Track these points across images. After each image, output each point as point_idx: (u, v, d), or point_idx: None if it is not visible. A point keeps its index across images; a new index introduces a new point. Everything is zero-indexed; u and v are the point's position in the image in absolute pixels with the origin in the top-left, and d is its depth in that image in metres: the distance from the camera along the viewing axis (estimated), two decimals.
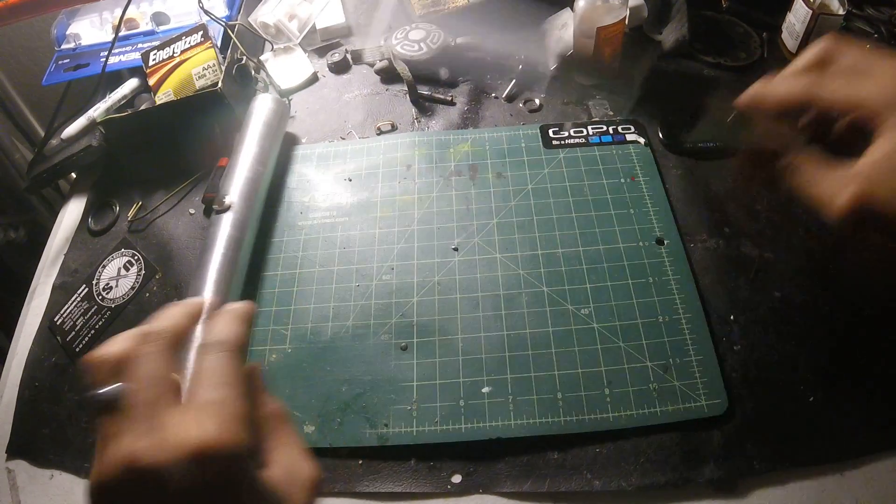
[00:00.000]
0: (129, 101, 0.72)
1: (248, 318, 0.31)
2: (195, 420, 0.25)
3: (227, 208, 0.55)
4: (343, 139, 0.69)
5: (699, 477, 0.45)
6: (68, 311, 0.60)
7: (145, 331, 0.28)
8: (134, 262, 0.62)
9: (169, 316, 0.30)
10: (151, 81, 0.70)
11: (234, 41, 0.73)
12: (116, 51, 0.75)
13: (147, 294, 0.59)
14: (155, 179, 0.68)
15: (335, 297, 0.56)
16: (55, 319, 0.59)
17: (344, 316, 0.54)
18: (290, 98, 0.74)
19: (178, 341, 0.29)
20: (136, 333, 0.28)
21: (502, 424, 0.47)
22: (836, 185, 0.32)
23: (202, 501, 0.24)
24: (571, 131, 0.66)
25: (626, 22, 0.67)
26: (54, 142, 0.71)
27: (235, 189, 0.57)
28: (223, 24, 0.74)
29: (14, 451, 0.52)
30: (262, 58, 0.78)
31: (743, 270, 0.55)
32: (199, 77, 0.68)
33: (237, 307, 0.32)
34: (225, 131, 0.66)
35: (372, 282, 0.56)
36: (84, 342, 0.57)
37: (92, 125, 0.69)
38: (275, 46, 0.79)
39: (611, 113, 0.68)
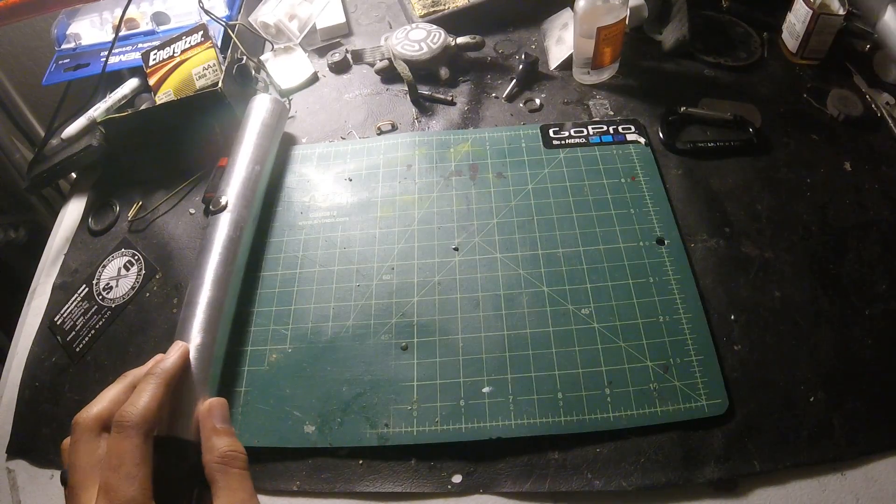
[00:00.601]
0: (130, 100, 0.72)
1: (168, 381, 0.36)
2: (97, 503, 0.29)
3: (223, 208, 0.55)
4: (343, 139, 0.69)
5: (700, 477, 0.45)
6: (68, 310, 0.60)
7: (76, 419, 0.33)
8: (134, 261, 0.62)
9: (97, 401, 0.34)
10: (152, 81, 0.70)
11: (234, 41, 0.73)
12: (116, 51, 0.75)
13: (147, 294, 0.59)
14: (155, 179, 0.68)
15: (335, 296, 0.56)
16: (55, 319, 0.59)
17: (344, 316, 0.54)
18: (290, 98, 0.74)
19: (102, 423, 0.33)
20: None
21: (503, 424, 0.47)
22: None
23: None
24: (572, 131, 0.66)
25: (627, 22, 0.67)
26: (54, 142, 0.71)
27: (232, 189, 0.57)
28: (223, 23, 0.74)
29: (14, 451, 0.52)
30: (262, 58, 0.78)
31: (743, 270, 0.55)
32: (200, 77, 0.68)
33: (161, 370, 0.36)
34: (225, 131, 0.66)
35: (372, 282, 0.56)
36: (84, 342, 0.57)
37: (92, 125, 0.69)
38: (275, 46, 0.79)
39: (611, 113, 0.68)
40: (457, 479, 0.46)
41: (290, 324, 0.54)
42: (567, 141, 0.65)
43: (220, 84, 0.65)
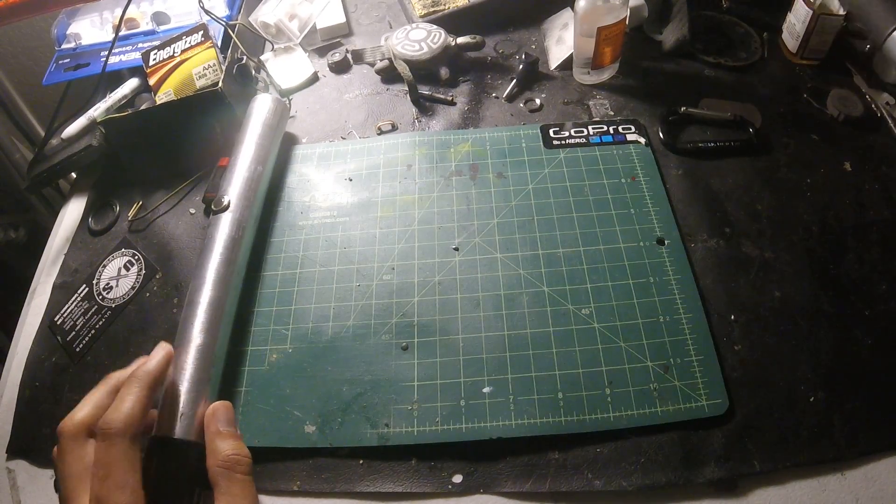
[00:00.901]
0: (130, 100, 0.72)
1: (151, 384, 0.35)
2: None
3: (226, 208, 0.55)
4: (344, 139, 0.69)
5: (700, 477, 0.45)
6: (69, 310, 0.60)
7: (60, 428, 0.33)
8: (134, 261, 0.62)
9: (81, 407, 0.34)
10: (152, 81, 0.70)
11: (234, 41, 0.73)
12: (117, 50, 0.75)
13: (147, 294, 0.59)
14: (155, 179, 0.68)
15: (336, 296, 0.56)
16: (55, 319, 0.59)
17: (345, 316, 0.54)
18: (290, 98, 0.74)
19: (88, 429, 0.33)
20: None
21: (503, 424, 0.47)
22: None
23: None
24: (572, 131, 0.66)
25: (627, 22, 0.67)
26: (54, 141, 0.71)
27: (234, 189, 0.57)
28: (224, 23, 0.74)
29: (14, 451, 0.52)
30: (262, 57, 0.78)
31: (743, 270, 0.55)
32: (200, 77, 0.68)
33: (144, 373, 0.36)
34: (225, 131, 0.66)
35: (373, 282, 0.56)
36: (84, 342, 0.57)
37: (92, 125, 0.69)
38: (275, 46, 0.79)
39: (611, 113, 0.68)
40: (457, 479, 0.46)
41: (290, 324, 0.54)
42: (567, 141, 0.65)
43: (220, 84, 0.65)
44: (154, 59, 0.71)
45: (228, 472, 0.33)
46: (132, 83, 0.73)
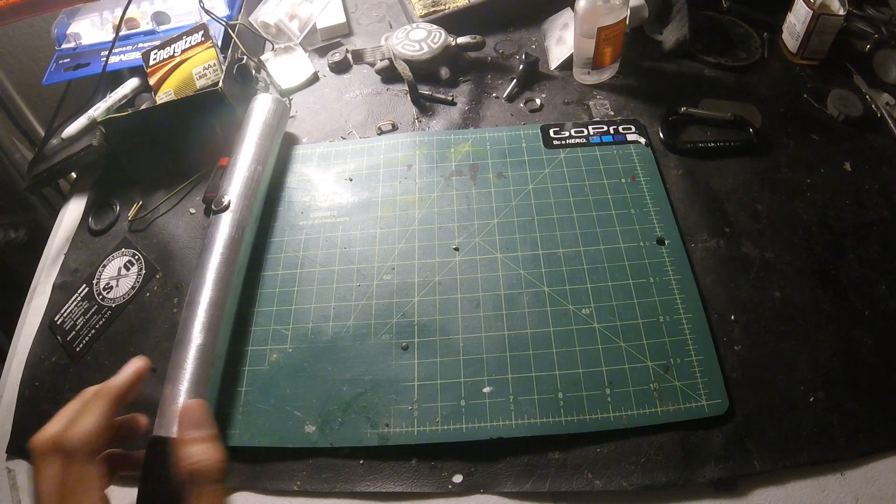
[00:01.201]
0: (130, 100, 0.72)
1: (115, 399, 0.34)
2: None
3: (226, 208, 0.55)
4: (344, 139, 0.69)
5: (700, 477, 0.45)
6: (69, 310, 0.60)
7: (31, 443, 0.32)
8: (134, 261, 0.62)
9: (53, 421, 0.33)
10: (152, 81, 0.70)
11: (234, 41, 0.73)
12: (117, 50, 0.75)
13: (147, 294, 0.59)
14: (155, 179, 0.68)
15: (336, 296, 0.56)
16: (55, 319, 0.59)
17: (345, 316, 0.54)
18: (290, 98, 0.74)
19: (60, 445, 0.32)
20: None
21: (503, 424, 0.47)
22: None
23: None
24: (572, 131, 0.66)
25: (627, 22, 0.67)
26: (55, 141, 0.71)
27: (234, 189, 0.57)
28: (224, 23, 0.74)
29: (14, 451, 0.52)
30: (262, 57, 0.78)
31: (743, 270, 0.55)
32: (200, 77, 0.68)
33: (108, 388, 0.35)
34: (226, 131, 0.66)
35: (373, 281, 0.56)
36: (84, 342, 0.57)
37: (92, 125, 0.69)
38: (275, 46, 0.79)
39: (611, 113, 0.68)
40: (457, 479, 0.46)
41: (290, 324, 0.54)
42: (567, 141, 0.65)
43: (220, 84, 0.65)
44: (154, 59, 0.71)
45: (193, 483, 0.32)
46: (132, 83, 0.73)
